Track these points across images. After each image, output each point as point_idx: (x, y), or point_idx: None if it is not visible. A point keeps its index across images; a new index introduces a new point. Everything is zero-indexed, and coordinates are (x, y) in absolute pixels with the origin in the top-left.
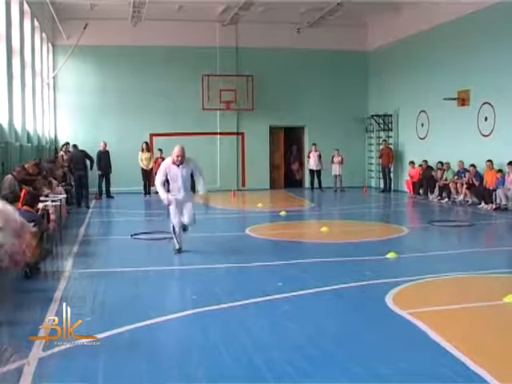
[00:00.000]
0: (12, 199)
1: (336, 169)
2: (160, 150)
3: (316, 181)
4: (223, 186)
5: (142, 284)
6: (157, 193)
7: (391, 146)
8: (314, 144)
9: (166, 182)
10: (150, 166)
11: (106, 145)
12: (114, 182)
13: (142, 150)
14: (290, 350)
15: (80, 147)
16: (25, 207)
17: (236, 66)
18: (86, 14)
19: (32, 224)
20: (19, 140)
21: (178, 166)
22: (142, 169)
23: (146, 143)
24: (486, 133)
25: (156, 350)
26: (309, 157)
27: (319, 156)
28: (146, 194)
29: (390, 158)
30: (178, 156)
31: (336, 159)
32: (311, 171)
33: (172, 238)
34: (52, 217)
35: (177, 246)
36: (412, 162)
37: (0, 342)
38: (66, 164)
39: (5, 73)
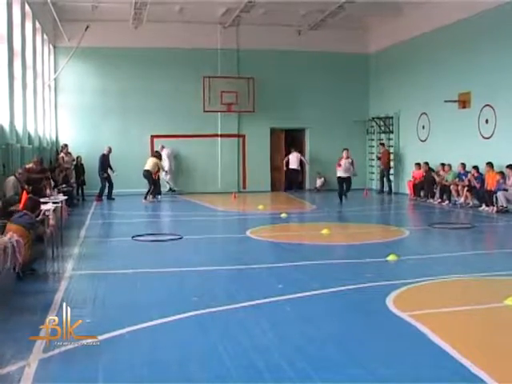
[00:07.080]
0: (15, 202)
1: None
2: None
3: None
4: (224, 187)
5: (142, 285)
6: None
7: (389, 149)
8: (346, 149)
9: None
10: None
11: (110, 150)
12: (115, 183)
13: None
14: (291, 351)
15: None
16: (24, 211)
17: (237, 67)
18: (87, 16)
19: (29, 226)
20: (20, 141)
21: None
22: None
23: (157, 152)
24: (486, 135)
25: (156, 351)
26: (339, 164)
27: (351, 162)
28: (146, 198)
29: (389, 160)
30: None
31: None
32: (339, 178)
33: None
34: (51, 222)
35: None
36: (417, 164)
37: (1, 343)
38: (67, 166)
39: (6, 74)
